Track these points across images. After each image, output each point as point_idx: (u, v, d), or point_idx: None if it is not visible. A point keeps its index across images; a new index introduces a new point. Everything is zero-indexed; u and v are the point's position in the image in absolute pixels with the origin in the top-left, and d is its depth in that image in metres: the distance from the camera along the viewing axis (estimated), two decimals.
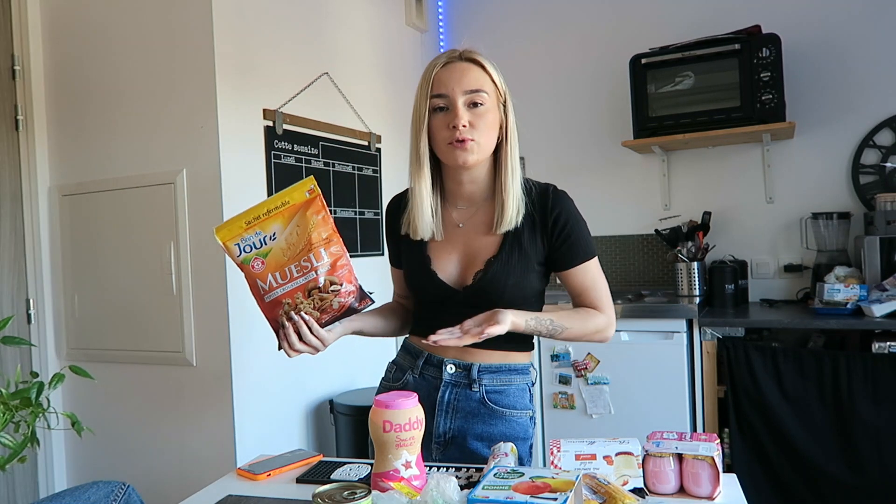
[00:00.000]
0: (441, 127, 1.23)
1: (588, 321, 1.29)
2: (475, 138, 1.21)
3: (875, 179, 2.69)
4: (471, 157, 1.22)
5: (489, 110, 1.23)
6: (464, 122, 1.20)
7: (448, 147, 1.23)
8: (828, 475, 2.20)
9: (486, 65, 1.25)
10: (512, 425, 1.30)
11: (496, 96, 1.26)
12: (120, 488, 0.98)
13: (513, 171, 1.26)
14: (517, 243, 1.27)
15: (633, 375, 2.51)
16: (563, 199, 1.30)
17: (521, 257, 1.27)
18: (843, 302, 2.33)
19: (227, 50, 2.13)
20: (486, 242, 1.28)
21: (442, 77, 1.23)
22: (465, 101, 1.21)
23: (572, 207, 1.30)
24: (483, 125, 1.22)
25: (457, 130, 1.20)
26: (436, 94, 1.23)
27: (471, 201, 1.31)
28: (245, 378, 2.15)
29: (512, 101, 1.29)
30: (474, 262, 1.28)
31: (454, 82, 1.22)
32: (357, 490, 0.82)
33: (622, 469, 1.06)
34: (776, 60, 2.51)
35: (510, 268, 1.26)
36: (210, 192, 2.10)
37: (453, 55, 1.25)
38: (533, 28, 3.24)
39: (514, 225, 1.25)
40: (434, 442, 1.29)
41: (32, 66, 2.34)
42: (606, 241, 3.14)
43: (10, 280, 2.29)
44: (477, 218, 1.30)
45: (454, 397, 1.29)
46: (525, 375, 1.34)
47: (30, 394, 1.06)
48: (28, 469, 2.30)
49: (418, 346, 1.34)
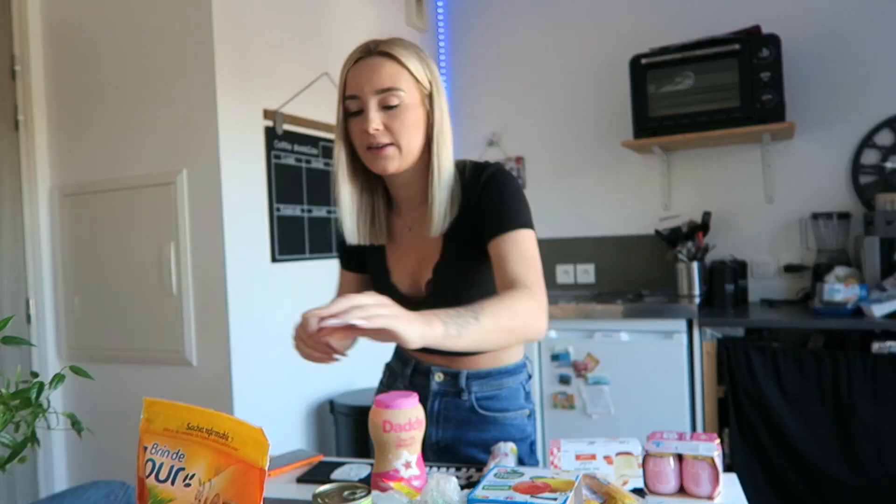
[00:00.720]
0: (356, 132, 1.12)
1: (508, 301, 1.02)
2: (395, 142, 1.10)
3: (875, 179, 2.69)
4: (391, 165, 1.11)
5: (407, 109, 1.10)
6: (376, 125, 1.08)
7: (366, 153, 1.12)
8: (828, 475, 2.20)
9: (400, 57, 1.09)
10: (507, 428, 1.24)
11: (417, 91, 1.11)
12: (120, 488, 0.98)
13: (440, 173, 1.13)
14: (458, 241, 1.17)
15: (633, 375, 2.51)
16: (496, 174, 1.16)
17: (467, 255, 1.17)
18: (843, 302, 2.33)
19: (227, 50, 2.12)
20: (431, 246, 1.19)
21: (353, 76, 1.11)
22: (377, 102, 1.08)
23: (505, 180, 1.15)
24: (401, 127, 1.09)
25: (371, 136, 1.09)
26: (348, 95, 1.11)
27: (412, 204, 1.21)
28: (245, 378, 2.15)
29: (440, 91, 1.14)
30: (424, 269, 1.20)
31: (364, 82, 1.09)
32: (357, 490, 0.82)
33: (622, 469, 1.06)
34: (776, 60, 2.51)
35: (459, 269, 1.18)
36: (210, 192, 2.10)
37: (367, 49, 1.11)
38: (533, 28, 3.24)
39: (444, 227, 1.15)
40: (428, 450, 1.24)
41: (32, 66, 2.34)
42: (606, 242, 3.14)
43: (10, 280, 2.29)
44: (423, 220, 1.18)
45: (443, 407, 1.24)
46: (517, 375, 1.27)
47: (30, 394, 1.06)
48: (28, 469, 2.30)
49: (406, 353, 1.30)
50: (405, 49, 1.11)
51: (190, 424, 0.79)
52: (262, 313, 2.23)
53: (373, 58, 1.10)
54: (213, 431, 0.78)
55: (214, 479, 0.76)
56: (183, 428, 0.79)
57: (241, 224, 2.16)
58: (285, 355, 2.36)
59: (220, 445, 0.77)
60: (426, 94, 1.13)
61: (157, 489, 0.79)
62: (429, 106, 1.13)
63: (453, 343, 0.93)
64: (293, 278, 2.36)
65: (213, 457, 0.77)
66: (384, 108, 1.09)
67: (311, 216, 2.47)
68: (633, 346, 2.53)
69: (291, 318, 2.00)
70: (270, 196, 2.29)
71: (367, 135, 1.09)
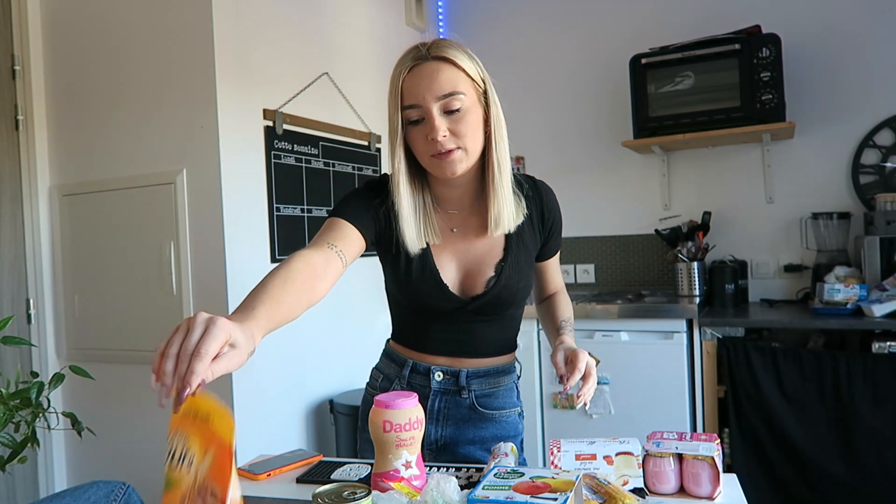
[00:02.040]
0: (419, 140, 1.11)
1: (569, 306, 1.39)
2: (461, 146, 1.10)
3: (875, 179, 2.69)
4: (459, 168, 1.11)
5: (469, 111, 1.10)
6: (443, 133, 1.08)
7: (431, 160, 1.11)
8: (828, 475, 2.20)
9: (456, 59, 1.09)
10: (502, 426, 1.28)
11: (474, 91, 1.12)
12: (120, 488, 0.98)
13: (501, 169, 1.16)
14: (521, 243, 1.22)
15: (633, 375, 2.51)
16: (552, 193, 1.31)
17: (528, 257, 1.23)
18: (843, 302, 2.33)
19: (227, 50, 2.12)
20: (488, 245, 1.21)
21: (410, 85, 1.09)
22: (440, 107, 1.08)
23: (557, 200, 1.32)
24: (465, 129, 1.10)
25: (438, 143, 1.08)
26: (407, 105, 1.10)
27: (462, 204, 1.22)
28: (245, 378, 2.15)
29: (493, 85, 1.16)
30: (480, 269, 1.21)
31: (424, 89, 1.08)
32: (357, 490, 0.82)
33: (622, 469, 1.06)
34: (776, 60, 2.51)
35: (520, 270, 1.21)
36: (210, 192, 2.10)
37: (419, 55, 1.10)
38: (533, 28, 3.24)
39: (513, 225, 1.18)
40: (426, 448, 1.26)
41: (32, 66, 2.34)
42: (606, 241, 3.14)
43: (10, 280, 2.29)
44: (472, 220, 1.21)
45: (444, 405, 1.26)
46: (511, 374, 1.32)
47: (30, 394, 1.06)
48: (28, 469, 2.30)
49: (403, 354, 1.29)
50: (457, 50, 1.11)
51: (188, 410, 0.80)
52: None
53: (428, 63, 1.09)
54: (198, 415, 0.78)
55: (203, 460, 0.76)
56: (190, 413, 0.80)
57: (241, 224, 2.16)
58: (285, 355, 2.36)
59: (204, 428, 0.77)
60: (482, 91, 1.14)
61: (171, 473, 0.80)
62: (485, 103, 1.14)
63: None
64: None
65: (202, 439, 0.77)
66: (447, 113, 1.09)
67: (310, 216, 2.47)
68: (633, 346, 2.53)
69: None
70: (270, 196, 2.29)
71: (434, 142, 1.09)
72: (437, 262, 1.20)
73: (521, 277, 1.22)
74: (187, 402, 0.79)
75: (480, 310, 1.21)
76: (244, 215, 2.18)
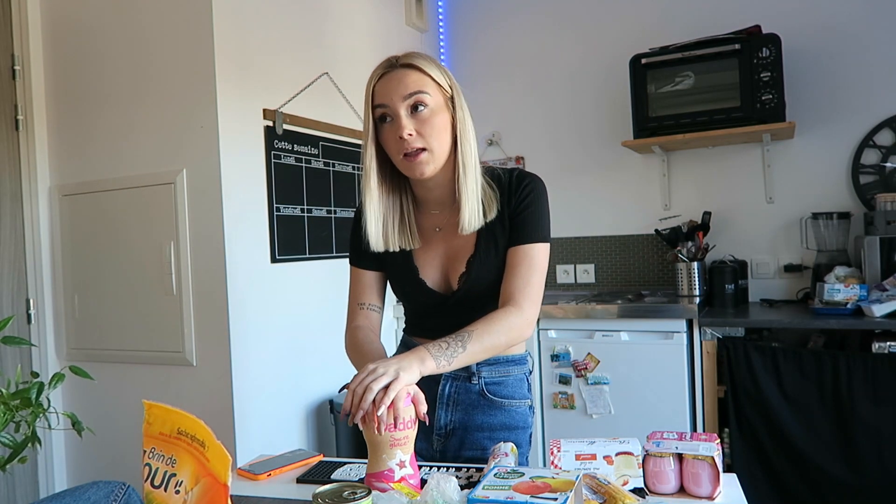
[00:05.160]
0: (391, 140, 1.19)
1: (495, 322, 1.15)
2: (427, 146, 1.18)
3: (875, 179, 2.69)
4: (427, 169, 1.19)
5: (434, 112, 1.18)
6: (409, 130, 1.16)
7: (402, 160, 1.19)
8: (828, 475, 2.20)
9: (423, 66, 1.19)
10: (511, 415, 1.32)
11: (441, 95, 1.20)
12: (120, 488, 0.97)
13: (465, 170, 1.21)
14: (491, 237, 1.25)
15: (633, 375, 2.51)
16: (536, 182, 1.27)
17: (498, 251, 1.25)
18: (843, 302, 2.33)
19: (227, 50, 2.12)
20: (462, 242, 1.27)
21: (380, 88, 1.19)
22: (406, 106, 1.17)
23: (542, 192, 1.26)
24: (431, 130, 1.18)
25: (405, 142, 1.16)
26: (377, 104, 1.19)
27: (442, 204, 1.29)
28: (245, 378, 2.15)
29: (460, 94, 1.24)
30: (455, 265, 1.27)
31: (392, 90, 1.17)
32: (357, 490, 0.82)
33: (622, 469, 1.06)
34: (776, 60, 2.51)
35: (489, 264, 1.25)
36: (210, 192, 2.10)
37: (390, 63, 1.21)
38: (533, 28, 3.24)
39: (480, 223, 1.22)
40: (435, 434, 1.32)
41: (32, 66, 2.34)
42: (606, 241, 3.14)
43: (10, 280, 2.29)
44: (453, 219, 1.26)
45: (454, 390, 1.32)
46: (522, 365, 1.36)
47: (30, 394, 1.06)
48: (28, 469, 2.30)
49: (415, 342, 1.34)
50: (425, 60, 1.21)
51: (180, 429, 0.81)
52: (263, 313, 2.23)
53: (397, 70, 1.19)
54: (195, 438, 0.79)
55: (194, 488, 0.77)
56: (174, 433, 0.81)
57: (241, 224, 2.16)
58: (285, 355, 2.37)
59: (199, 454, 0.78)
60: (448, 97, 1.22)
61: (152, 494, 0.81)
62: (452, 109, 1.22)
63: (444, 370, 1.09)
64: (293, 278, 2.36)
65: (195, 466, 0.78)
66: (413, 115, 1.17)
67: (310, 216, 2.47)
68: (633, 346, 2.53)
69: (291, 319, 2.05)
70: (270, 196, 2.29)
71: (402, 141, 1.17)
72: (419, 260, 1.29)
73: (490, 271, 1.25)
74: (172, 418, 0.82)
75: (462, 303, 1.26)
76: (244, 215, 2.18)
